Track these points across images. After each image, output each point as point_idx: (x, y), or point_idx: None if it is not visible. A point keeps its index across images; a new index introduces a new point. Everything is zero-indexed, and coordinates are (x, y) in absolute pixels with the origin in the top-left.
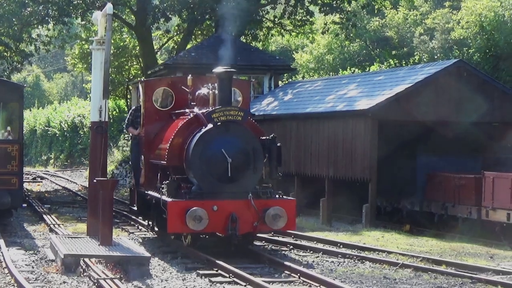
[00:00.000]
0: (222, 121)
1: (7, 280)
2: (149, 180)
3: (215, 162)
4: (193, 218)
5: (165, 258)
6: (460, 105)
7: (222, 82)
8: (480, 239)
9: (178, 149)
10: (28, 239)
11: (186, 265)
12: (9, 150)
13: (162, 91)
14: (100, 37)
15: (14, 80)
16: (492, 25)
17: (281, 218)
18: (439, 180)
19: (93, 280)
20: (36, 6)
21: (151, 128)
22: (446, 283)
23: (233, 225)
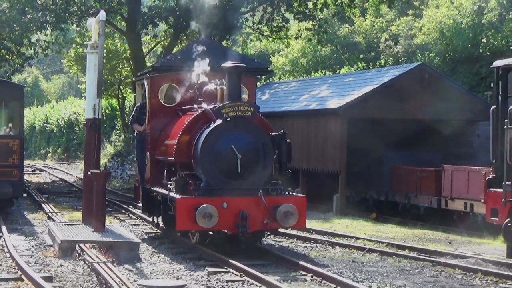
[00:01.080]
0: (231, 116)
1: (9, 263)
2: (154, 177)
3: (225, 158)
4: (202, 216)
5: (153, 243)
6: (422, 105)
7: (231, 77)
8: (439, 226)
9: (186, 145)
10: (28, 226)
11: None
12: (11, 145)
13: (168, 87)
14: (94, 42)
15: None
16: (451, 31)
17: (292, 216)
18: (403, 172)
19: (87, 264)
20: (36, 13)
21: (156, 124)
22: (409, 266)
23: (243, 223)
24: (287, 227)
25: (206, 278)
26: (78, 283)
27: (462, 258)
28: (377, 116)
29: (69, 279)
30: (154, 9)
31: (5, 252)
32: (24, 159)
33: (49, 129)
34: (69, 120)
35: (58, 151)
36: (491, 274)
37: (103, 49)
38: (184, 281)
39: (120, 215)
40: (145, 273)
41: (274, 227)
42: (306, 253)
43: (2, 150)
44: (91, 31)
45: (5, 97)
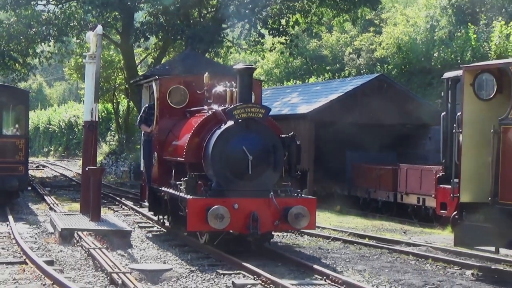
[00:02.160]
0: (243, 118)
1: (15, 248)
2: (162, 177)
3: (236, 159)
4: (214, 217)
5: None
6: (381, 110)
7: (243, 79)
8: (395, 218)
9: (196, 146)
10: (32, 215)
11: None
12: (17, 144)
13: (176, 89)
14: (92, 53)
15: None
16: (406, 46)
17: (304, 218)
18: (364, 170)
19: (84, 249)
20: (40, 27)
21: (164, 125)
22: (369, 253)
23: (254, 224)
24: (298, 228)
25: (189, 262)
26: (76, 266)
27: (415, 246)
28: (341, 120)
29: (68, 263)
30: (145, 24)
31: (11, 238)
32: (28, 156)
33: (51, 130)
34: (69, 122)
35: (59, 150)
36: (440, 260)
37: (100, 59)
38: (170, 265)
39: (114, 206)
40: (135, 258)
41: (284, 228)
42: (278, 241)
43: (9, 148)
44: (90, 43)
45: (12, 102)
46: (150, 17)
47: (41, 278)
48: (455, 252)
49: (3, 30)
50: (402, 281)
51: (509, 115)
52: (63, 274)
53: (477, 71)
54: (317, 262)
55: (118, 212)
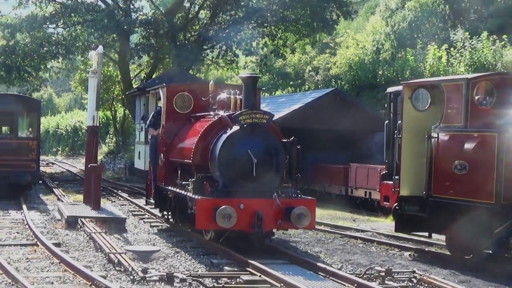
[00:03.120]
0: (248, 123)
1: (28, 232)
2: (168, 177)
3: (241, 162)
4: (222, 216)
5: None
6: (336, 119)
7: (248, 86)
8: (347, 208)
9: (203, 149)
10: (43, 205)
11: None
12: (30, 144)
13: (182, 96)
14: (94, 69)
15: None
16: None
17: (305, 218)
18: (321, 168)
19: (86, 233)
20: (50, 47)
21: (170, 129)
22: (324, 237)
23: (259, 223)
24: (300, 228)
25: (175, 244)
26: (79, 248)
27: (362, 232)
28: (302, 127)
29: (73, 245)
30: (139, 45)
31: (24, 224)
32: (40, 155)
33: (59, 133)
34: (75, 127)
35: (66, 150)
36: (383, 243)
37: (101, 74)
38: (158, 247)
39: (112, 197)
40: (129, 241)
41: (286, 227)
42: None
43: (23, 148)
44: (92, 61)
45: (27, 109)
46: (143, 39)
47: (49, 258)
48: (396, 237)
49: (19, 49)
50: (351, 261)
51: (440, 123)
52: (68, 254)
53: (414, 86)
54: (281, 245)
55: (115, 202)
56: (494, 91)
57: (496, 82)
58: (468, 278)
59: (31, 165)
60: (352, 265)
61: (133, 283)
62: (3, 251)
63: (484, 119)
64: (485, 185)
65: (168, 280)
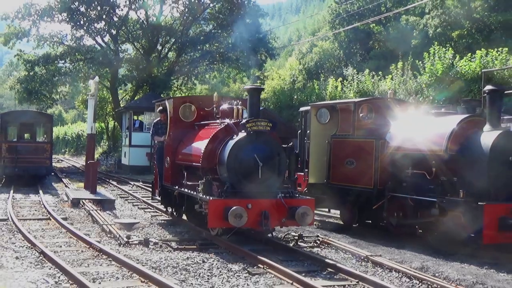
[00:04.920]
0: (254, 130)
1: (43, 210)
2: (174, 178)
3: (248, 165)
4: (234, 216)
5: (122, 200)
6: None
7: (252, 97)
8: None
9: (211, 153)
10: (54, 190)
11: (132, 203)
12: (45, 147)
13: (187, 106)
14: (92, 93)
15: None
16: (279, 92)
17: (308, 216)
18: None
19: (86, 210)
20: (60, 76)
21: (176, 136)
22: None
23: (266, 221)
24: (304, 225)
25: (149, 219)
26: (81, 221)
27: None
28: None
29: (76, 219)
30: (124, 76)
31: (41, 204)
32: (52, 154)
33: (66, 139)
34: (78, 134)
35: (71, 150)
36: None
37: (97, 96)
38: (138, 220)
39: (105, 185)
40: (117, 215)
41: (290, 225)
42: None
43: (40, 149)
44: (91, 87)
45: (42, 121)
46: (128, 72)
47: (59, 228)
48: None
49: (37, 78)
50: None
51: (336, 132)
52: (72, 225)
53: (319, 107)
54: None
55: (107, 188)
56: (373, 110)
57: (374, 104)
58: (355, 240)
59: (46, 162)
60: (275, 233)
61: (119, 246)
62: (25, 224)
63: (366, 130)
64: (367, 176)
65: (145, 243)
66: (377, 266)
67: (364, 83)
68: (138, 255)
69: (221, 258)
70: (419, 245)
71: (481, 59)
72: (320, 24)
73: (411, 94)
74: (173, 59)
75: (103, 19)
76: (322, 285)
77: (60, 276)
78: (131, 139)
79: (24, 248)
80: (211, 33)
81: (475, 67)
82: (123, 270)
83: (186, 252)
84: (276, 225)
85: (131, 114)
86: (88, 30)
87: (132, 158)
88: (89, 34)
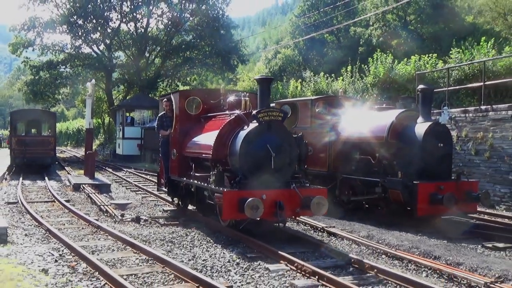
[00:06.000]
0: (266, 120)
1: (49, 194)
2: (181, 169)
3: (261, 156)
4: (250, 207)
5: (117, 184)
6: None
7: (263, 87)
8: None
9: (221, 144)
10: (58, 177)
11: (125, 186)
12: (50, 140)
13: (192, 100)
14: (90, 93)
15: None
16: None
17: (323, 206)
18: None
19: (86, 193)
20: (62, 80)
21: (183, 129)
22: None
23: (281, 212)
24: (319, 215)
25: (140, 199)
26: (81, 202)
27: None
28: None
29: (77, 201)
30: (118, 79)
31: (46, 189)
32: (56, 146)
33: (68, 133)
34: (78, 129)
35: (72, 143)
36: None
37: (94, 96)
38: (131, 201)
39: (102, 171)
40: (113, 197)
41: (304, 214)
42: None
43: (45, 142)
44: (88, 88)
45: (47, 118)
46: (120, 75)
47: (62, 209)
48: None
49: (42, 81)
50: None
51: (296, 124)
52: (74, 206)
53: (282, 103)
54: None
55: (104, 174)
56: (327, 106)
57: (328, 101)
58: None
59: (50, 153)
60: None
61: (115, 223)
62: (33, 206)
63: (321, 122)
64: (322, 161)
65: (136, 220)
66: (331, 236)
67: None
68: (130, 231)
69: (201, 232)
70: (366, 218)
71: (415, 63)
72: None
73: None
74: (159, 64)
75: (98, 31)
76: (287, 252)
77: (64, 249)
78: (124, 133)
79: (32, 226)
80: (191, 42)
81: (410, 69)
82: (118, 243)
83: (171, 227)
84: (290, 215)
85: (123, 111)
86: (85, 40)
87: (125, 148)
88: (86, 43)
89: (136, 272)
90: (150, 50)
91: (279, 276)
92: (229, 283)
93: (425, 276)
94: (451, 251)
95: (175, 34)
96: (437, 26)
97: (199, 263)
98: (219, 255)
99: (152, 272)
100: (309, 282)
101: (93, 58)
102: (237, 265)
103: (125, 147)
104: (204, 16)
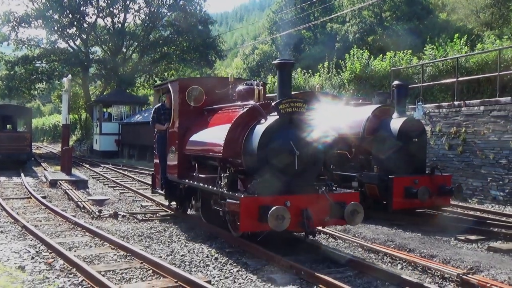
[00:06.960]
0: (287, 112)
1: (25, 190)
2: (182, 170)
3: (283, 155)
4: (275, 218)
5: (94, 180)
6: None
7: (282, 73)
8: None
9: (233, 141)
10: (34, 173)
11: (103, 182)
12: (26, 136)
13: (194, 89)
14: (66, 89)
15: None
16: None
17: (359, 214)
18: None
19: (63, 190)
20: (37, 75)
21: (183, 123)
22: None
23: (308, 222)
24: (354, 225)
25: (118, 195)
26: (58, 199)
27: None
28: None
29: (54, 197)
30: (95, 74)
31: (22, 185)
32: (32, 142)
33: (44, 128)
34: (54, 124)
35: (49, 139)
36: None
37: (70, 92)
38: (108, 197)
39: (79, 167)
40: (90, 193)
41: (335, 224)
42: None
43: (21, 138)
44: (65, 84)
45: (23, 114)
46: (97, 70)
47: (39, 206)
48: None
49: (17, 77)
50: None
51: None
52: (51, 203)
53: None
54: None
55: (81, 170)
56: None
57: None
58: None
59: (26, 149)
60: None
61: (92, 219)
62: (9, 202)
63: None
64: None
65: (114, 216)
66: None
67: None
68: (108, 227)
69: (179, 228)
70: None
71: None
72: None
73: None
74: (136, 59)
75: (74, 25)
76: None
77: (40, 246)
78: (101, 128)
79: (8, 223)
80: (169, 37)
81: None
82: (96, 240)
83: (149, 223)
84: (318, 225)
85: (100, 107)
86: (61, 35)
87: (103, 144)
88: (62, 38)
89: (114, 268)
90: (127, 46)
91: (257, 270)
92: (207, 277)
93: (400, 268)
94: (425, 243)
95: (153, 30)
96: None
97: (177, 258)
98: (198, 250)
99: (130, 268)
100: (287, 276)
101: (70, 53)
102: (216, 260)
103: (103, 142)
104: (181, 12)
